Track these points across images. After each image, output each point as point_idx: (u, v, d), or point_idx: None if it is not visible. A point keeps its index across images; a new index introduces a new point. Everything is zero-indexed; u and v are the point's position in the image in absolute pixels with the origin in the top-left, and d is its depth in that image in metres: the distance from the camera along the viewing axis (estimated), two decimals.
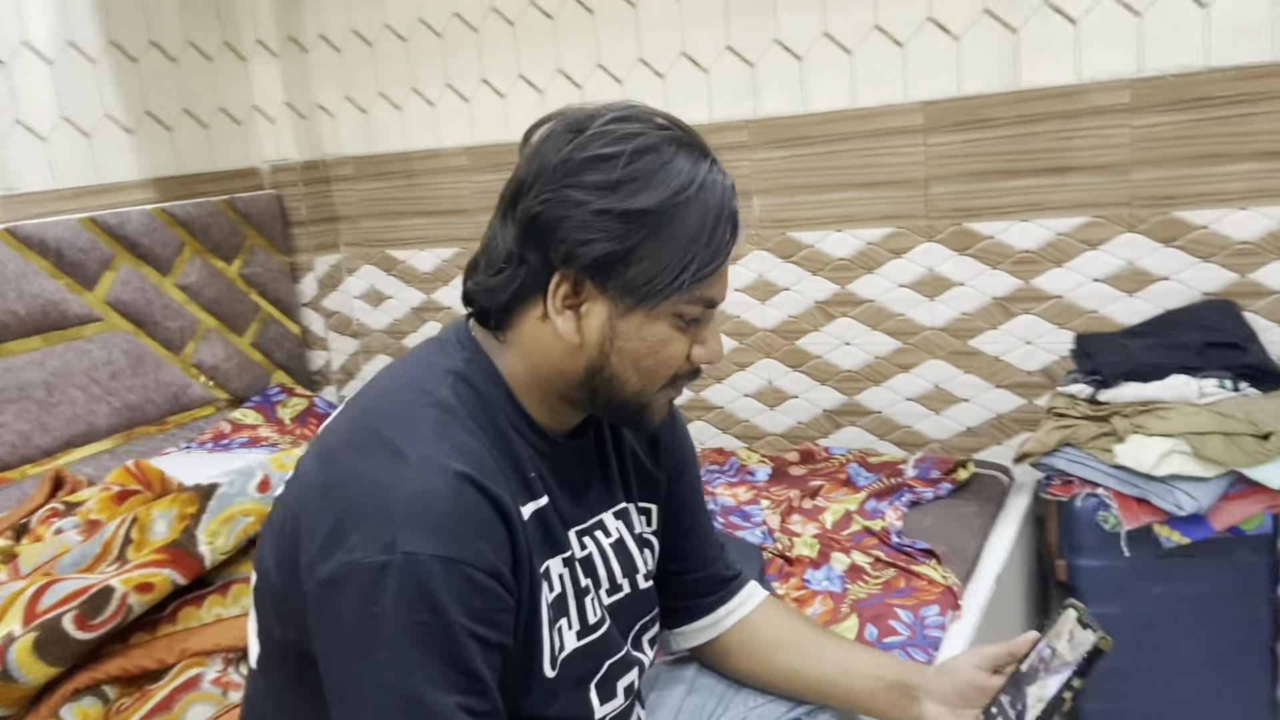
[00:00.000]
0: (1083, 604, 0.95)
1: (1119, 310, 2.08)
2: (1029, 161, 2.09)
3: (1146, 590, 1.83)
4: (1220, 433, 1.70)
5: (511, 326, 0.94)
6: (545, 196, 0.87)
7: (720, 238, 0.89)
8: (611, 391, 0.92)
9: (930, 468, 2.05)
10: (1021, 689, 0.95)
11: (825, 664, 1.09)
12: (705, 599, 1.13)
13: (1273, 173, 1.91)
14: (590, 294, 0.89)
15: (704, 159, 0.90)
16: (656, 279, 0.87)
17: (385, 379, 0.95)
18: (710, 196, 0.89)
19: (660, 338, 0.91)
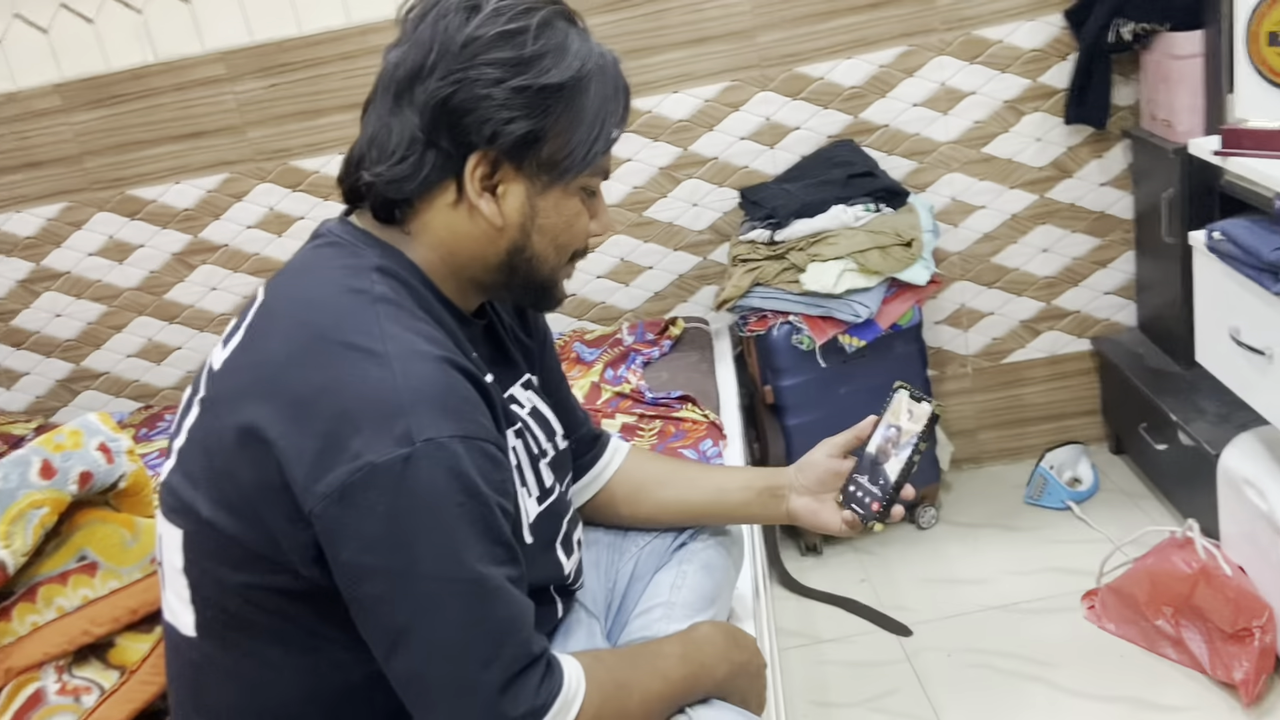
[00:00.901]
0: (907, 383, 1.11)
1: (765, 163, 2.35)
2: (663, 37, 2.27)
3: (836, 393, 2.16)
4: (876, 247, 2.02)
5: (417, 216, 0.92)
6: (456, 77, 0.86)
7: (620, 108, 0.92)
8: (530, 270, 0.94)
9: (644, 331, 2.22)
10: (879, 467, 1.10)
11: (702, 489, 1.20)
12: (583, 458, 1.18)
13: (867, 24, 2.25)
14: (506, 174, 0.89)
15: (588, 33, 0.92)
16: (573, 153, 0.89)
17: (301, 290, 0.90)
18: (608, 68, 0.91)
19: (574, 211, 0.93)
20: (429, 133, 0.88)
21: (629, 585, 1.18)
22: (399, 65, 0.89)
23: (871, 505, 1.10)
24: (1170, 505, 2.17)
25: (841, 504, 1.13)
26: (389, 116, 0.90)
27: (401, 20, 0.91)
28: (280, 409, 0.82)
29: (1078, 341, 2.47)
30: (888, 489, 1.08)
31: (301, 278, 0.93)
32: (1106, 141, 2.31)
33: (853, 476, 1.13)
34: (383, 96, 0.90)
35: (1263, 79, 1.39)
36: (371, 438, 0.79)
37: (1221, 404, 1.95)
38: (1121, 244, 2.38)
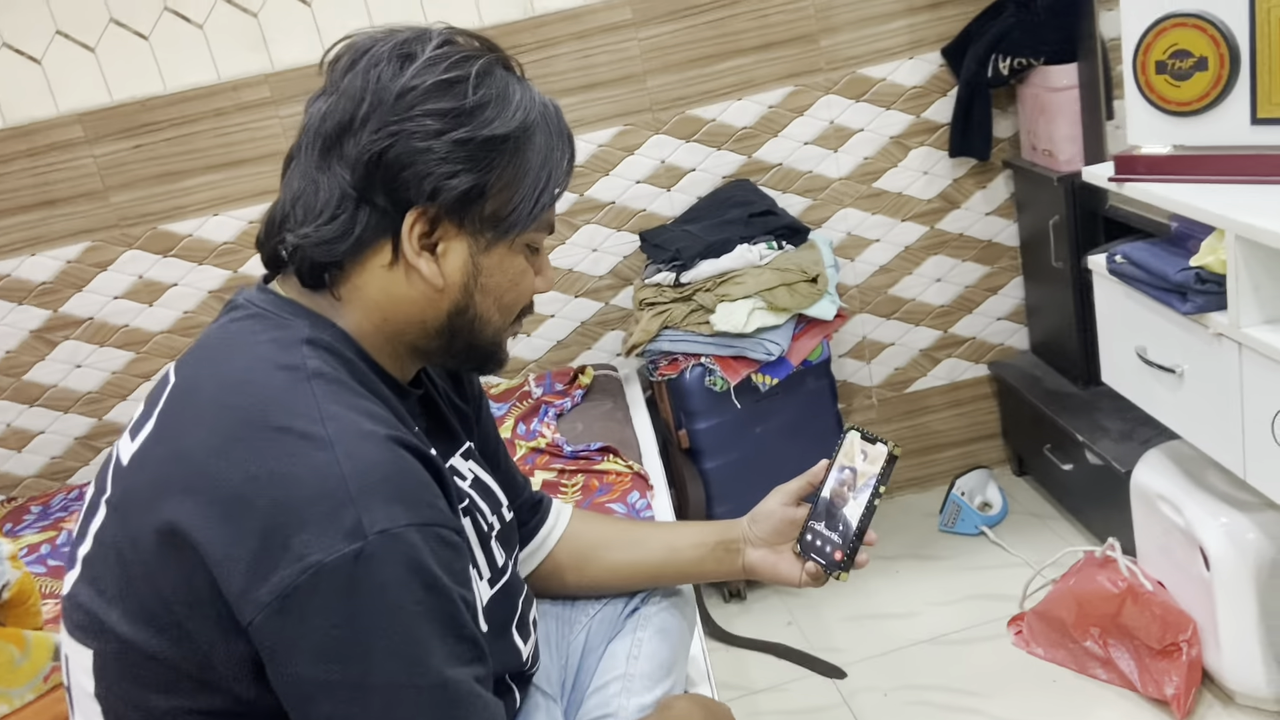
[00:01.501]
0: (859, 425, 1.07)
1: (663, 205, 2.33)
2: (554, 83, 2.23)
3: (751, 433, 2.14)
4: (783, 284, 2.01)
5: (348, 280, 0.84)
6: (391, 129, 0.79)
7: (565, 159, 0.87)
8: (473, 333, 0.87)
9: (552, 381, 2.15)
10: (837, 512, 1.05)
11: (652, 549, 1.14)
12: (525, 526, 1.11)
13: (754, 65, 2.26)
14: (447, 232, 0.83)
15: (525, 81, 0.87)
16: (518, 209, 0.84)
17: (222, 370, 0.80)
18: (550, 118, 0.86)
19: (519, 269, 0.87)
20: (362, 189, 0.81)
21: (582, 659, 1.11)
22: (326, 118, 0.82)
23: (834, 554, 1.05)
24: (1080, 524, 2.22)
25: (800, 554, 1.09)
26: (316, 173, 0.82)
27: (327, 69, 0.84)
28: (207, 506, 0.72)
29: (975, 367, 2.52)
30: (849, 535, 1.04)
31: (221, 356, 0.83)
32: (989, 172, 2.37)
33: (810, 525, 1.08)
34: (308, 152, 0.83)
35: (1152, 106, 1.44)
36: (317, 533, 0.70)
37: (1123, 421, 2.01)
38: (1009, 270, 2.45)
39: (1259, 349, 1.27)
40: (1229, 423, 1.38)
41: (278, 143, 2.20)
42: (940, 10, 2.26)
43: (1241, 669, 1.60)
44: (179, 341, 2.29)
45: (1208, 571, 1.59)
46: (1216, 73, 1.35)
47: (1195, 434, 1.49)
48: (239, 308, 0.86)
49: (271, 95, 2.17)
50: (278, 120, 2.18)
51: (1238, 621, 1.57)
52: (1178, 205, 1.35)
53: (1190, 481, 1.66)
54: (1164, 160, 1.44)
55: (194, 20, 2.13)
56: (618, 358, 2.39)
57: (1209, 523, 1.58)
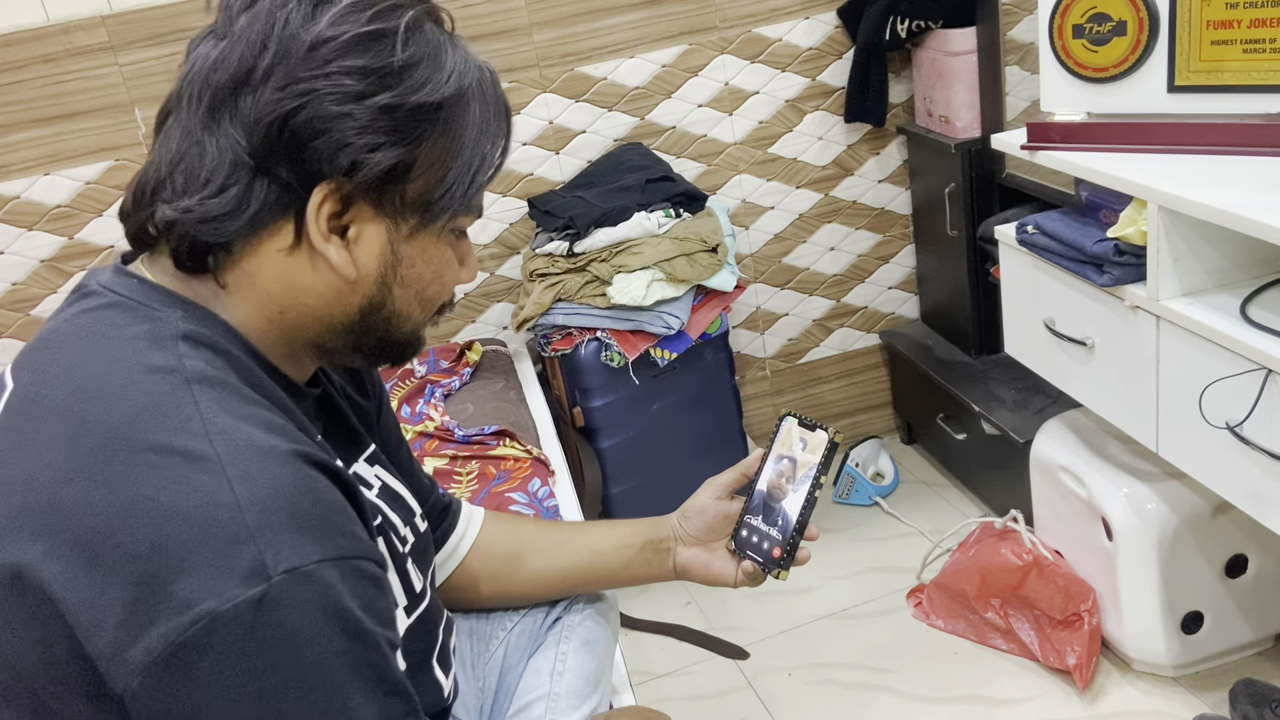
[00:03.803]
0: (797, 411, 0.99)
1: (551, 169, 2.20)
2: None
3: (649, 410, 2.05)
4: (683, 255, 1.92)
5: (236, 264, 0.70)
6: (302, 87, 0.65)
7: (503, 133, 0.74)
8: (388, 332, 0.75)
9: (437, 359, 2.01)
10: (775, 506, 0.98)
11: (573, 554, 1.04)
12: (434, 533, 0.99)
13: (647, 21, 2.15)
14: (361, 213, 0.69)
15: (457, 39, 0.73)
16: (449, 190, 0.71)
17: (74, 373, 0.65)
18: (486, 85, 0.73)
19: (444, 259, 0.75)
20: (261, 157, 0.67)
21: (500, 678, 1.00)
22: (217, 67, 0.67)
23: (772, 550, 0.97)
24: (972, 493, 2.23)
25: (735, 552, 1.00)
26: (202, 133, 0.67)
27: (220, 6, 0.69)
28: (63, 547, 0.58)
29: (866, 337, 2.50)
30: (789, 530, 0.96)
31: (73, 355, 0.67)
32: (883, 139, 2.34)
33: (745, 520, 1.00)
34: (192, 106, 0.68)
35: (1067, 72, 1.40)
36: (208, 576, 0.57)
37: (1016, 391, 2.01)
38: (901, 239, 2.43)
39: (1178, 321, 1.25)
40: (1142, 396, 1.36)
41: (117, 93, 1.96)
42: None
43: (1141, 637, 1.62)
44: (6, 317, 2.04)
45: (1110, 541, 1.60)
46: (1135, 37, 1.32)
47: (1104, 406, 1.48)
48: (93, 294, 0.70)
49: (109, 40, 1.93)
50: (116, 68, 1.95)
51: (1139, 591, 1.59)
52: (1096, 175, 1.32)
53: (1091, 452, 1.67)
54: (1078, 128, 1.40)
55: None
56: (505, 331, 2.26)
57: (1111, 493, 1.59)
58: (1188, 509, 1.55)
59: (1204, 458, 1.28)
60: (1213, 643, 1.63)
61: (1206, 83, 1.29)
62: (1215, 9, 1.25)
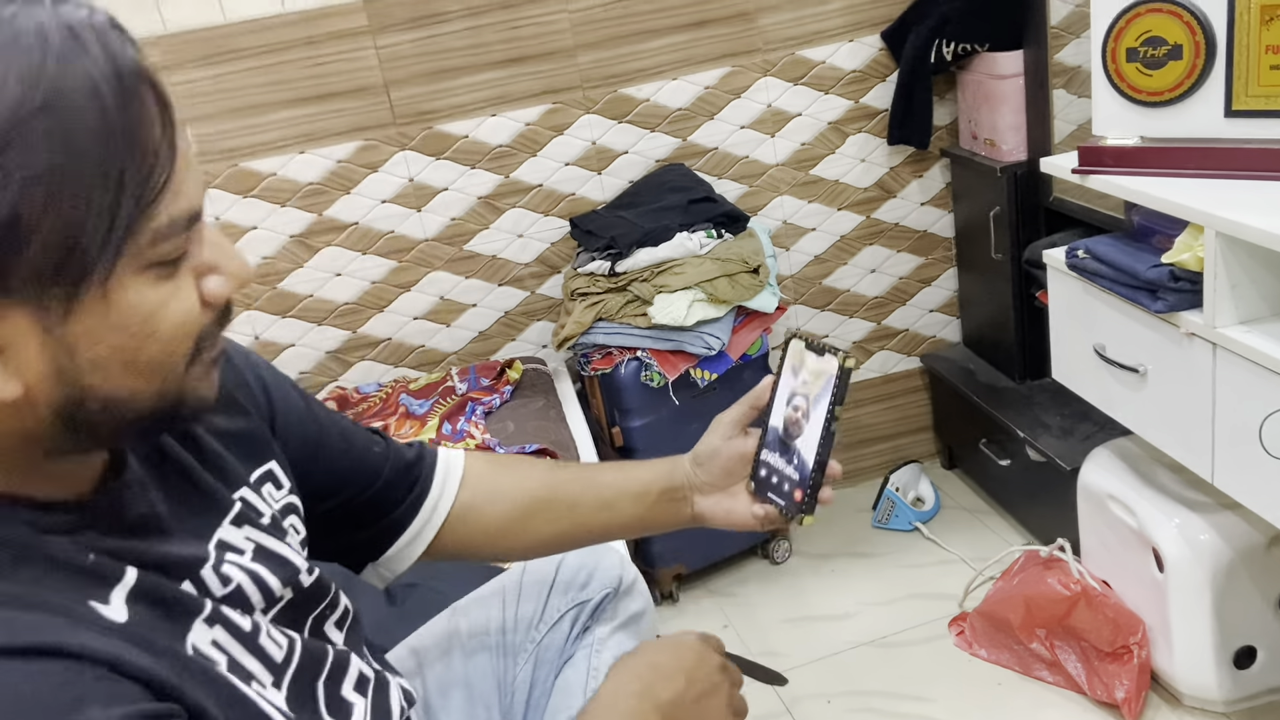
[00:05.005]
0: (805, 334, 0.89)
1: (593, 189, 2.21)
2: (481, 56, 2.08)
3: (688, 430, 2.02)
4: (724, 275, 1.92)
5: None
6: None
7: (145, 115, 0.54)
8: (119, 417, 0.58)
9: (477, 376, 2.01)
10: (790, 443, 0.89)
11: (585, 513, 0.96)
12: (397, 509, 0.91)
13: (690, 43, 2.15)
14: None
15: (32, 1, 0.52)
16: (82, 236, 0.52)
17: None
18: (93, 62, 0.52)
19: (147, 309, 0.56)
20: None
21: (530, 693, 0.98)
22: None
23: (793, 494, 0.89)
24: (1016, 521, 2.19)
25: (755, 494, 0.93)
26: None
27: None
28: None
29: (907, 360, 2.47)
30: (806, 471, 0.87)
31: None
32: (926, 161, 2.32)
33: (761, 459, 0.91)
34: None
35: (1121, 96, 1.39)
36: None
37: (1062, 417, 1.98)
38: (943, 262, 2.41)
39: (1236, 349, 1.23)
40: (1197, 424, 1.34)
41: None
42: None
43: (1192, 672, 1.58)
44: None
45: (1160, 573, 1.56)
46: (1191, 62, 1.31)
47: (1156, 434, 1.45)
48: None
49: (163, 60, 1.97)
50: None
51: (1190, 624, 1.55)
52: (1151, 200, 1.30)
53: (1141, 481, 1.63)
54: (1132, 152, 1.39)
55: None
56: (544, 350, 2.26)
57: (1163, 523, 1.55)
58: (1242, 541, 1.51)
59: (1262, 488, 1.25)
60: (1266, 678, 1.59)
61: (1265, 107, 1.26)
62: (1274, 33, 1.23)
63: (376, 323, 2.22)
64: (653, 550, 2.09)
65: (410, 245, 2.17)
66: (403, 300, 2.21)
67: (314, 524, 0.86)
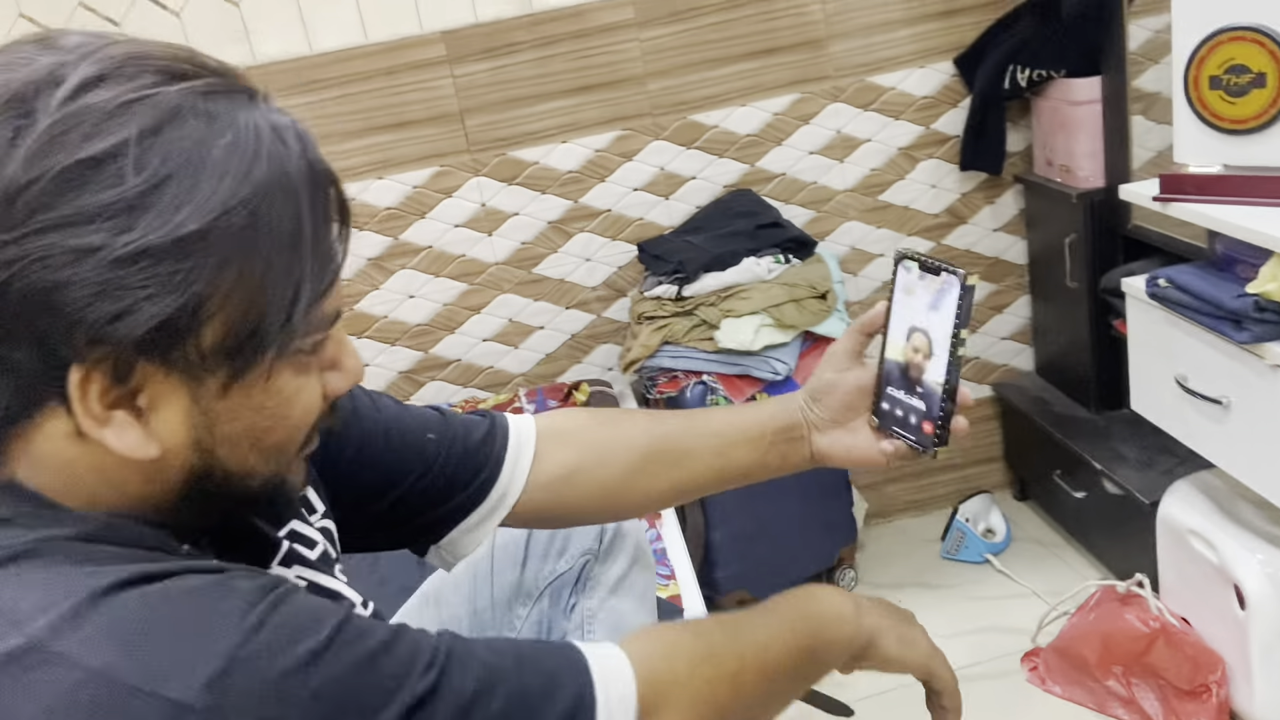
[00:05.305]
0: (916, 252, 0.85)
1: (661, 214, 2.22)
2: (552, 84, 2.12)
3: None
4: (791, 300, 1.92)
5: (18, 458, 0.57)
6: (5, 254, 0.51)
7: (328, 222, 0.58)
8: (232, 493, 0.61)
9: (545, 399, 2.04)
10: (913, 371, 0.83)
11: (697, 465, 0.91)
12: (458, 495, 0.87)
13: (759, 70, 2.17)
14: (148, 376, 0.55)
15: (252, 104, 0.57)
16: (263, 323, 0.56)
17: None
18: (294, 164, 0.56)
19: (286, 395, 0.60)
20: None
21: None
22: None
23: (921, 426, 0.83)
24: (1091, 555, 2.14)
25: (879, 428, 0.88)
26: None
27: None
28: None
29: (978, 388, 2.44)
30: (935, 401, 0.81)
31: None
32: (999, 187, 2.30)
33: (884, 390, 0.86)
34: None
35: (1203, 123, 1.36)
36: None
37: (1140, 449, 1.93)
38: (1016, 289, 2.38)
39: None
40: None
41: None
42: (953, 19, 2.18)
43: (1273, 711, 1.52)
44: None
45: (1242, 610, 1.51)
46: (1275, 90, 1.28)
47: (1239, 467, 1.42)
48: None
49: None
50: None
51: (1272, 663, 1.50)
52: (1236, 229, 1.28)
53: (1223, 515, 1.59)
54: (1214, 180, 1.36)
55: (170, 8, 2.00)
56: (610, 373, 2.28)
57: (1245, 559, 1.51)
58: None
59: None
60: None
61: None
62: None
63: (447, 344, 2.26)
64: (716, 576, 2.08)
65: (481, 268, 2.21)
66: (473, 322, 2.25)
67: (368, 522, 0.85)
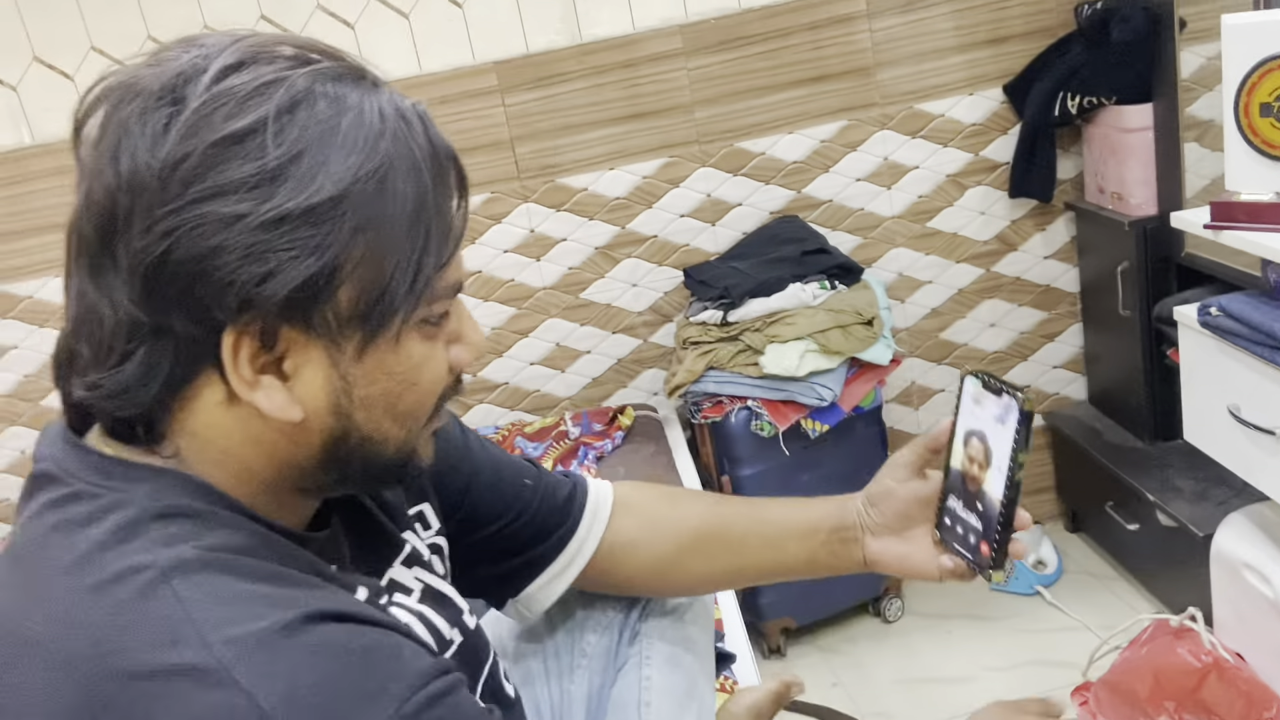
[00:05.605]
0: (981, 371, 0.84)
1: (707, 240, 2.24)
2: (601, 112, 2.15)
3: (798, 480, 2.03)
4: (837, 326, 1.92)
5: (178, 429, 0.62)
6: (166, 225, 0.55)
7: (450, 191, 0.62)
8: (368, 459, 0.65)
9: (590, 422, 2.06)
10: (973, 490, 0.83)
11: (749, 553, 0.93)
12: (541, 545, 0.90)
13: (807, 98, 2.18)
14: (292, 342, 0.59)
15: (378, 90, 0.62)
16: (390, 287, 0.59)
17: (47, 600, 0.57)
18: (416, 138, 0.61)
19: (415, 361, 0.63)
20: (152, 313, 0.57)
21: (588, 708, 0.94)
22: (83, 214, 0.59)
23: (979, 546, 0.83)
24: (1144, 588, 2.10)
25: (940, 543, 0.88)
26: (94, 293, 0.59)
27: (73, 134, 0.60)
28: None
29: None
30: (992, 523, 0.81)
31: (40, 573, 0.58)
32: (1049, 214, 2.28)
33: (945, 505, 0.86)
34: (79, 261, 0.60)
35: (1255, 151, 1.34)
36: None
37: (1195, 481, 1.89)
38: (1068, 317, 2.35)
39: None
40: None
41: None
42: (1002, 46, 2.17)
43: None
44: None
45: None
46: None
47: None
48: (52, 481, 0.61)
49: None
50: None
51: None
52: None
53: (1278, 549, 1.55)
54: (1266, 208, 1.34)
55: None
56: (655, 397, 2.29)
57: None
58: None
59: None
60: None
61: None
62: None
63: (495, 367, 2.29)
64: (760, 602, 2.07)
65: (529, 293, 2.24)
66: (520, 346, 2.27)
67: (460, 556, 0.87)
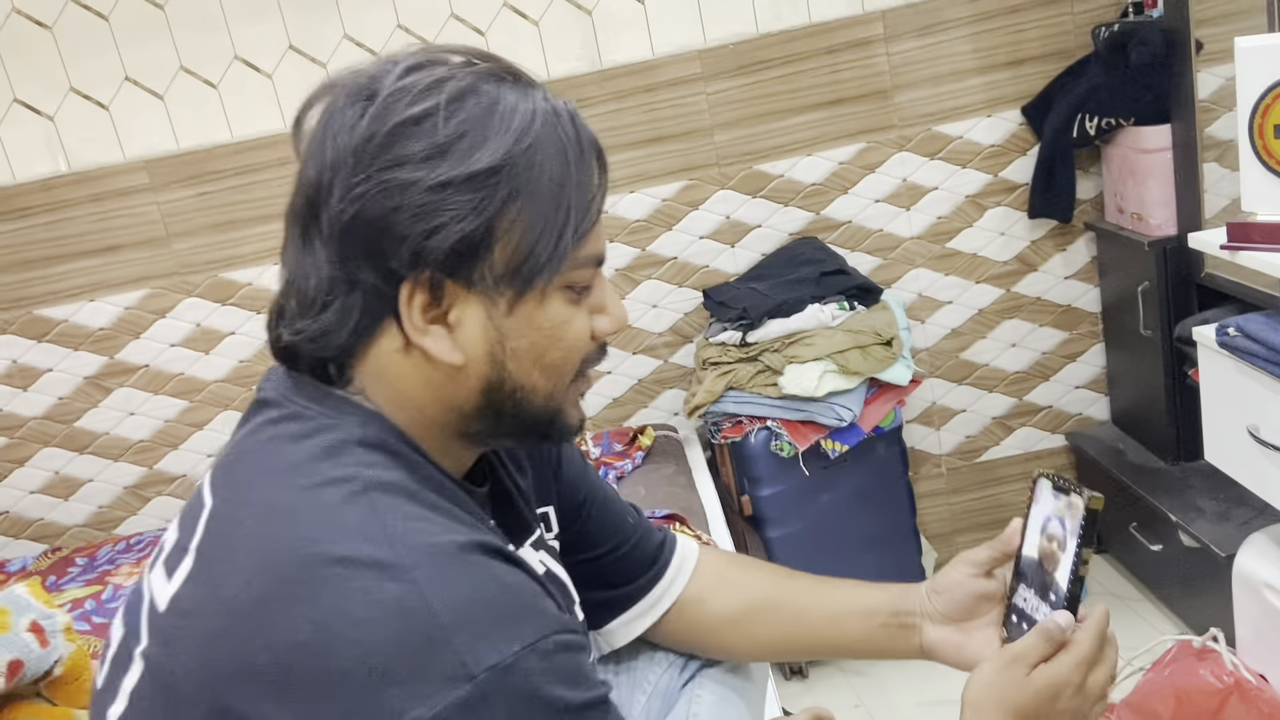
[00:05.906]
0: (1051, 472, 0.87)
1: (726, 261, 2.26)
2: (621, 136, 2.18)
3: (818, 501, 2.04)
4: (856, 347, 1.93)
5: (365, 370, 0.73)
6: (358, 190, 0.67)
7: (591, 173, 0.72)
8: (519, 408, 0.74)
9: (610, 442, 2.07)
10: (1039, 588, 0.86)
11: (810, 623, 0.97)
12: (634, 582, 0.96)
13: (825, 121, 2.20)
14: (455, 295, 0.70)
15: (532, 88, 0.72)
16: (536, 249, 0.70)
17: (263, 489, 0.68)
18: (563, 126, 0.71)
19: (559, 320, 0.73)
20: (346, 268, 0.69)
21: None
22: (297, 190, 0.71)
23: None
24: (1168, 609, 2.08)
25: (1007, 638, 0.89)
26: (301, 255, 0.71)
27: (294, 129, 0.73)
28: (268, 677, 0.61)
29: (1051, 437, 2.40)
30: None
31: (261, 471, 0.70)
32: (1069, 235, 2.28)
33: (1013, 603, 0.89)
34: (292, 231, 0.72)
35: (1269, 172, 1.35)
36: (413, 685, 0.59)
37: (1217, 501, 1.88)
38: (1090, 337, 2.34)
39: None
40: None
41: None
42: (1020, 68, 2.19)
43: None
44: (232, 391, 2.25)
45: None
46: None
47: None
48: (272, 405, 0.73)
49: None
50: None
51: None
52: None
53: None
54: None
55: (263, 70, 2.12)
56: (675, 417, 2.31)
57: None
58: None
59: None
60: None
61: None
62: None
63: None
64: None
65: None
66: None
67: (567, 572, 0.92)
